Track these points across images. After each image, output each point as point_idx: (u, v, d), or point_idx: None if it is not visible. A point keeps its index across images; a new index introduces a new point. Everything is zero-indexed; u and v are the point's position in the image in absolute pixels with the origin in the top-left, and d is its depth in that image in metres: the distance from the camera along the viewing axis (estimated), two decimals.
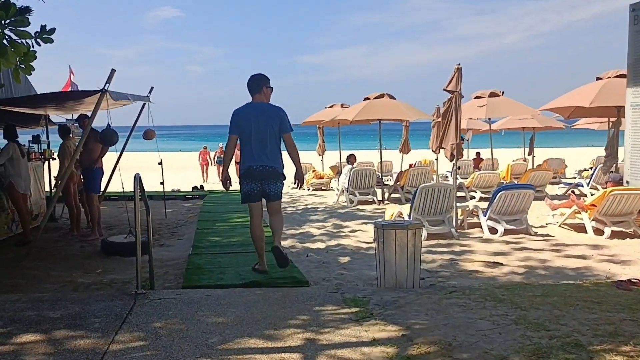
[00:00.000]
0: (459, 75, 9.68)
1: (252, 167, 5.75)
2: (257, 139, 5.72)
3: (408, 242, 5.61)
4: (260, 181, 5.80)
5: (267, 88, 5.87)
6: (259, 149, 5.73)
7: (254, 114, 5.75)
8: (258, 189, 5.84)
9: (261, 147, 5.73)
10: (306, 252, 7.90)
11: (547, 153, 27.78)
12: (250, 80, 5.91)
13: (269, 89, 5.91)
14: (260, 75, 5.92)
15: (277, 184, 5.90)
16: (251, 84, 5.88)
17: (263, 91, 5.86)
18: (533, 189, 9.11)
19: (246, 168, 5.79)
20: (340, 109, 17.57)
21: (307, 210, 12.74)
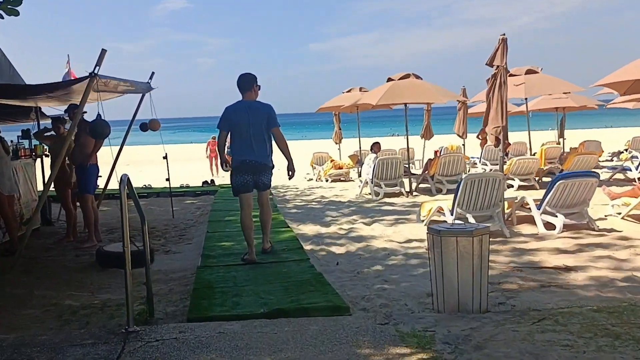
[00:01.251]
0: (504, 47, 8.39)
1: (244, 161, 6.17)
2: (249, 134, 6.13)
3: (473, 252, 4.40)
4: (252, 174, 6.21)
5: (256, 86, 6.28)
6: (250, 143, 6.14)
7: (246, 111, 6.15)
8: (249, 182, 6.24)
9: (253, 142, 6.14)
10: (335, 259, 6.70)
11: (575, 135, 26.33)
12: (240, 79, 6.30)
13: (258, 87, 6.31)
14: (249, 74, 6.34)
15: (268, 175, 6.32)
16: (242, 83, 6.28)
17: (253, 89, 6.26)
18: (597, 176, 7.83)
19: (239, 162, 6.20)
20: (360, 93, 16.30)
21: (329, 205, 11.53)
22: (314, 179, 17.32)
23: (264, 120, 6.14)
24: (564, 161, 16.00)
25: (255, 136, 6.12)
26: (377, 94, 12.40)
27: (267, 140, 6.20)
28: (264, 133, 6.17)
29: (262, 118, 6.14)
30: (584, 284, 5.15)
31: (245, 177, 6.19)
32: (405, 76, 12.63)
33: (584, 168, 12.75)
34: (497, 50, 8.43)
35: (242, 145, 6.16)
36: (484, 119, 8.87)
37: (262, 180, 6.25)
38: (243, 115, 6.12)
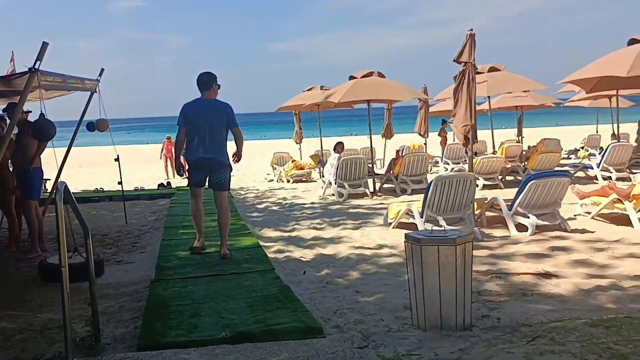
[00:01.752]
0: (472, 43, 8.10)
1: (200, 159, 6.22)
2: (206, 132, 6.15)
3: (457, 263, 4.04)
4: (207, 171, 6.27)
5: (215, 85, 6.31)
6: (206, 141, 6.16)
7: (204, 109, 6.18)
8: (204, 178, 6.33)
9: (209, 140, 6.17)
10: (302, 268, 6.26)
11: (528, 133, 26.56)
12: (200, 77, 6.32)
13: (217, 86, 6.34)
14: (209, 73, 6.38)
15: (224, 174, 6.31)
16: (201, 81, 6.30)
17: (212, 88, 6.29)
18: (569, 176, 7.62)
19: (195, 159, 6.26)
20: (321, 91, 15.89)
21: (292, 207, 11.09)
22: (274, 180, 16.84)
23: (223, 119, 6.20)
24: (525, 159, 16.02)
25: (212, 134, 6.17)
26: (339, 92, 12.02)
27: (224, 139, 6.28)
28: (222, 132, 6.23)
29: (222, 117, 6.20)
30: (569, 292, 4.85)
31: (199, 174, 6.30)
32: (368, 74, 12.28)
33: (547, 166, 12.68)
34: (464, 46, 8.14)
35: (198, 143, 6.20)
36: (453, 118, 8.58)
37: (217, 178, 6.27)
38: (202, 113, 6.17)
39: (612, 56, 8.52)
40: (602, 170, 12.76)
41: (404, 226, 8.15)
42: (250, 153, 32.64)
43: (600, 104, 21.09)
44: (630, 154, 12.89)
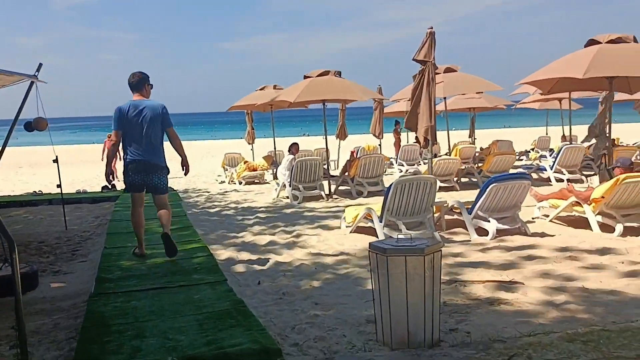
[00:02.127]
0: (431, 41, 7.91)
1: (136, 161, 6.10)
2: (141, 134, 6.05)
3: (425, 274, 3.75)
4: (144, 174, 6.14)
5: (148, 85, 6.26)
6: (142, 143, 6.07)
7: (138, 111, 6.06)
8: (142, 181, 6.17)
9: (145, 142, 6.07)
10: (256, 277, 5.86)
11: (481, 135, 26.86)
12: (131, 78, 6.24)
13: (150, 87, 6.29)
14: (141, 73, 6.29)
15: (161, 177, 6.23)
16: (133, 82, 6.22)
17: (145, 88, 6.23)
18: (529, 179, 7.49)
19: (130, 161, 6.13)
20: (274, 91, 15.51)
21: (245, 211, 10.65)
22: (226, 182, 16.32)
23: (157, 119, 6.11)
24: (478, 160, 16.07)
25: (148, 136, 6.08)
26: (294, 91, 11.65)
27: (160, 140, 6.19)
28: (157, 133, 6.14)
29: (156, 118, 6.10)
30: (536, 302, 4.63)
31: (135, 177, 6.16)
32: (324, 73, 11.97)
33: (502, 168, 12.67)
34: (424, 44, 7.94)
35: (134, 145, 6.11)
36: (407, 118, 8.36)
37: (154, 181, 6.19)
38: (136, 115, 6.07)
39: (570, 58, 8.46)
40: (555, 172, 12.85)
41: (362, 230, 7.87)
42: (200, 153, 31.94)
43: (550, 106, 21.47)
44: (582, 156, 13.02)
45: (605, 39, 8.28)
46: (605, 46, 8.11)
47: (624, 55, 7.90)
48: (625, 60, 7.82)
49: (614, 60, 7.84)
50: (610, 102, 8.44)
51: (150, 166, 6.14)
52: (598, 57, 7.90)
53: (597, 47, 8.13)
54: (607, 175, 8.45)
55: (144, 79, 6.27)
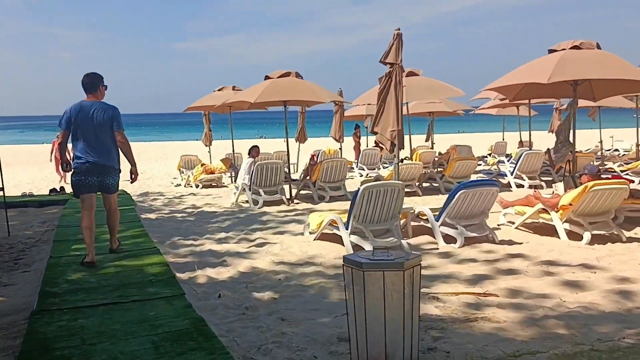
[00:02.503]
0: (399, 43, 7.70)
1: (86, 163, 6.00)
2: (92, 136, 5.97)
3: (404, 290, 3.47)
4: (94, 176, 6.05)
5: (102, 86, 6.16)
6: (93, 145, 5.99)
7: (90, 112, 5.97)
8: (91, 182, 6.06)
9: (96, 144, 6.00)
10: (216, 289, 5.48)
11: (436, 140, 27.01)
12: (85, 78, 6.13)
13: (104, 88, 6.20)
14: (95, 74, 6.19)
15: (113, 177, 6.18)
16: (87, 83, 6.12)
17: (99, 90, 6.14)
18: (498, 185, 7.34)
19: (81, 163, 6.02)
20: (232, 92, 15.09)
21: (202, 216, 10.21)
22: (182, 185, 15.78)
23: (109, 122, 6.04)
24: (438, 165, 16.01)
25: (99, 138, 6.01)
26: (255, 92, 11.27)
27: (112, 142, 6.11)
28: (109, 135, 6.07)
29: (108, 120, 6.03)
30: (514, 316, 4.42)
31: (88, 179, 6.05)
32: (285, 74, 11.64)
33: (464, 173, 12.61)
34: (391, 46, 7.73)
35: (85, 147, 6.01)
36: (374, 121, 8.12)
37: (106, 182, 6.13)
38: (87, 116, 5.98)
39: (534, 64, 8.39)
40: (516, 178, 12.87)
41: (326, 237, 7.57)
42: (155, 155, 31.12)
43: (507, 112, 21.71)
44: (542, 162, 13.09)
45: (568, 45, 8.24)
46: (569, 52, 8.07)
47: (587, 60, 7.86)
48: (589, 65, 7.79)
49: (577, 65, 7.80)
50: (574, 108, 8.40)
51: (102, 168, 6.06)
52: (562, 63, 7.86)
53: (560, 53, 8.08)
54: (572, 182, 8.41)
55: (98, 79, 6.16)
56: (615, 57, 7.94)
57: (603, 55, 7.98)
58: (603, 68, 7.64)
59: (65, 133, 6.09)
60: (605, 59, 7.84)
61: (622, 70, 7.72)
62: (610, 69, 7.64)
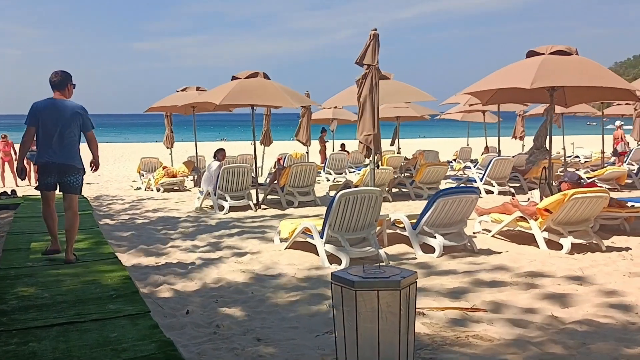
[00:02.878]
0: (375, 44, 7.42)
1: (49, 162, 5.95)
2: (57, 134, 5.90)
3: (400, 311, 3.15)
4: (57, 175, 6.01)
5: (70, 85, 6.08)
6: (57, 144, 5.92)
7: (56, 110, 5.91)
8: (54, 181, 6.04)
9: (60, 142, 5.92)
10: (183, 304, 5.05)
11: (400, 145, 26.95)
12: (54, 76, 6.04)
13: (72, 86, 6.12)
14: (65, 72, 6.11)
15: (76, 177, 6.08)
16: (55, 81, 6.03)
17: (67, 88, 6.06)
18: (477, 193, 7.11)
19: (44, 162, 5.98)
20: (196, 92, 14.58)
21: (165, 222, 9.70)
22: (142, 188, 15.14)
23: (76, 121, 5.98)
24: (405, 170, 15.85)
25: (63, 137, 5.92)
26: (221, 93, 10.82)
27: (76, 142, 6.05)
28: (74, 135, 6.00)
29: (75, 119, 5.97)
30: (509, 336, 4.13)
31: (47, 177, 6.02)
32: (253, 75, 11.23)
33: (435, 179, 12.45)
34: (367, 47, 7.45)
35: (48, 146, 5.94)
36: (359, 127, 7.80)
37: (67, 181, 6.04)
38: (53, 114, 5.90)
39: (514, 68, 8.22)
40: (485, 184, 12.76)
41: (298, 246, 7.21)
42: (113, 157, 30.10)
43: (472, 118, 21.76)
44: (511, 168, 13.03)
45: (548, 50, 8.11)
46: (549, 57, 7.93)
47: (568, 66, 7.73)
48: (571, 72, 7.65)
49: (559, 71, 7.65)
50: (551, 115, 8.27)
51: (65, 168, 6.00)
52: (543, 68, 7.69)
53: (541, 57, 7.93)
54: (549, 189, 8.27)
55: (66, 78, 6.07)
56: (594, 64, 7.83)
57: (583, 61, 7.86)
58: (585, 75, 7.52)
59: (31, 130, 5.98)
60: (585, 65, 7.72)
61: (603, 78, 7.61)
62: (592, 76, 7.52)
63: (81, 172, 6.15)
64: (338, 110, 20.85)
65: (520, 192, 12.72)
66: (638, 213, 8.09)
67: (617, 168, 14.05)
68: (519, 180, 13.60)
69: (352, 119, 22.21)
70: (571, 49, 8.06)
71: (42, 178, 6.07)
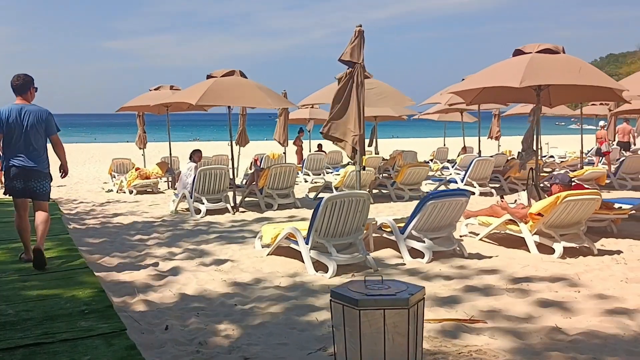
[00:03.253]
0: (360, 41, 7.12)
1: (16, 167, 5.88)
2: (23, 139, 5.84)
3: (409, 330, 2.86)
4: (24, 180, 5.92)
5: (33, 88, 6.01)
6: (23, 149, 5.86)
7: (21, 115, 5.84)
8: (22, 187, 5.95)
9: (26, 148, 5.86)
10: (161, 318, 4.69)
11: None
12: (15, 80, 5.96)
13: (35, 90, 6.05)
14: (26, 76, 6.02)
15: (43, 183, 6.01)
16: (17, 85, 5.95)
17: (30, 91, 5.99)
18: (468, 195, 6.87)
19: (10, 167, 5.90)
20: (170, 91, 14.12)
21: (140, 227, 9.26)
22: (114, 190, 14.61)
23: (41, 125, 5.92)
24: (383, 170, 15.62)
25: (29, 142, 5.87)
26: (197, 92, 10.40)
27: (42, 146, 5.99)
28: (39, 139, 5.94)
29: (40, 123, 5.91)
30: (513, 350, 3.87)
31: (15, 183, 5.94)
32: (229, 73, 10.84)
33: (416, 180, 12.24)
34: (352, 44, 7.15)
35: (14, 151, 5.86)
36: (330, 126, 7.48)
37: (34, 186, 5.96)
38: (18, 119, 5.82)
39: (501, 67, 8.02)
40: (466, 185, 12.59)
41: (281, 252, 6.88)
42: (82, 158, 29.29)
43: (448, 118, 21.68)
44: (492, 169, 12.90)
45: (535, 48, 7.93)
46: (536, 56, 7.74)
47: (556, 65, 7.56)
48: (559, 70, 7.48)
49: (548, 70, 7.47)
50: (538, 115, 8.10)
51: (31, 173, 5.91)
52: (532, 66, 7.50)
53: (529, 56, 7.74)
54: (536, 191, 8.10)
55: (28, 82, 5.98)
56: (582, 62, 7.68)
57: (571, 59, 7.70)
58: (574, 74, 7.34)
59: None
60: (574, 63, 7.56)
61: (592, 76, 7.46)
62: (580, 75, 7.35)
63: (48, 177, 6.09)
64: (315, 110, 20.55)
65: (501, 193, 12.60)
66: (625, 215, 7.96)
67: (597, 168, 14.06)
68: (499, 181, 13.51)
69: None
70: (558, 47, 7.89)
71: (8, 182, 5.98)
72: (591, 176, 12.73)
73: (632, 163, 14.00)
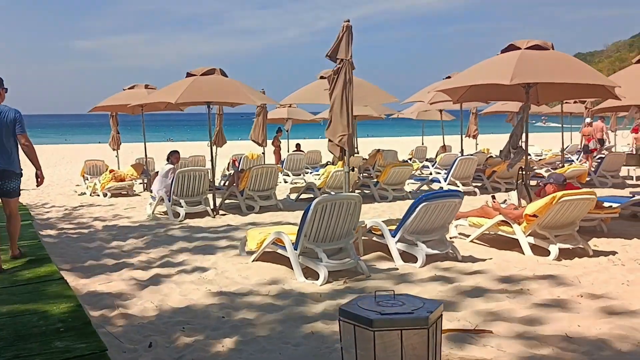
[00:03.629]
0: (348, 37, 6.84)
1: None
2: None
3: (429, 351, 2.58)
4: None
5: (2, 89, 5.97)
6: None
7: None
8: None
9: None
10: (144, 334, 4.35)
11: None
12: None
13: (4, 90, 6.00)
14: None
15: (14, 182, 6.00)
16: None
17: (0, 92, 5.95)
18: (461, 197, 6.64)
19: None
20: (145, 91, 13.68)
21: (116, 232, 8.84)
22: (87, 193, 14.09)
23: (10, 125, 5.87)
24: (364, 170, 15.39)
25: (2, 142, 5.80)
26: (176, 90, 10.02)
27: (13, 146, 5.94)
28: (10, 139, 5.89)
29: (8, 124, 5.85)
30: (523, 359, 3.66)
31: None
32: (210, 72, 10.47)
33: (400, 180, 12.02)
34: (340, 40, 6.87)
35: None
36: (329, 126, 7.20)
37: (6, 186, 5.93)
38: None
39: (491, 64, 7.84)
40: (449, 184, 12.43)
41: (267, 257, 6.57)
42: (53, 159, 28.49)
43: (427, 117, 21.56)
44: (475, 168, 12.76)
45: (524, 45, 7.75)
46: (526, 52, 7.57)
47: (546, 62, 7.39)
48: (550, 67, 7.32)
49: (538, 67, 7.29)
50: (527, 112, 7.92)
51: (3, 173, 5.87)
52: (522, 63, 7.33)
53: (518, 52, 7.57)
54: (525, 191, 7.93)
55: None
56: (573, 59, 7.54)
57: (561, 56, 7.55)
58: (565, 71, 7.18)
59: None
60: (564, 61, 7.41)
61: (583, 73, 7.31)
62: (571, 72, 7.19)
63: (19, 176, 6.08)
64: (293, 110, 20.26)
65: (484, 192, 12.48)
66: (616, 213, 7.84)
67: (578, 166, 14.02)
68: (481, 180, 13.37)
69: (307, 119, 21.69)
70: (547, 43, 7.73)
71: None
72: (573, 174, 12.65)
73: (612, 160, 14.01)
